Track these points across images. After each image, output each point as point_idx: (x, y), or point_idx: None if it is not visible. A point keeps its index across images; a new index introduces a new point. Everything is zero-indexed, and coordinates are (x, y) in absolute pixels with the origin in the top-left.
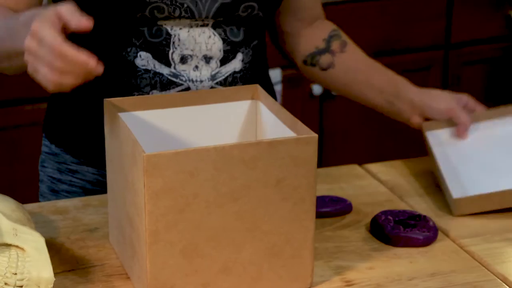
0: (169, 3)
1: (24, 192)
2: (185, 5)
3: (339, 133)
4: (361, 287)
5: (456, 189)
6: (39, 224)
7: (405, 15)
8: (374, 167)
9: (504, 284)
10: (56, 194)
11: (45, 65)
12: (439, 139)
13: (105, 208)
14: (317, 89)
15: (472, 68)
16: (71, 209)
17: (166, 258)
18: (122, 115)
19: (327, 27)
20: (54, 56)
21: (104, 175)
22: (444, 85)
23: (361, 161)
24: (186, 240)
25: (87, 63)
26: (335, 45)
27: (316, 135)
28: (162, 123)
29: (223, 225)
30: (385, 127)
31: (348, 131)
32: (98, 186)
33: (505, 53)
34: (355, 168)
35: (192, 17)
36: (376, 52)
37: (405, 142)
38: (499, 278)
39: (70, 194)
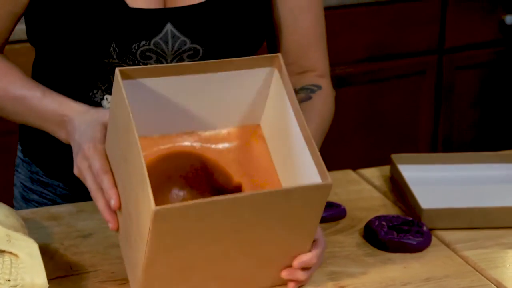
0: (131, 63)
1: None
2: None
3: (333, 138)
4: None
5: (425, 202)
6: (32, 230)
7: (399, 20)
8: (368, 172)
9: None
10: (27, 202)
11: (87, 181)
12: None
13: (98, 214)
14: None
15: (466, 72)
16: (65, 215)
17: (161, 276)
18: (129, 82)
19: (306, 80)
20: (95, 179)
21: (72, 191)
22: (438, 90)
23: (355, 166)
24: (183, 263)
25: (110, 200)
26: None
27: (330, 183)
28: (174, 90)
29: (223, 250)
30: (379, 133)
31: (342, 136)
32: (67, 201)
33: (499, 57)
34: (349, 173)
35: None
36: (370, 57)
37: (398, 148)
38: (493, 283)
39: (40, 205)
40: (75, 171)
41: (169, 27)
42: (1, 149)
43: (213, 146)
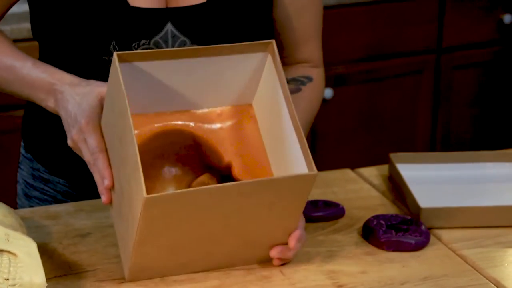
0: None
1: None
2: None
3: (331, 137)
4: None
5: (423, 201)
6: (31, 229)
7: (397, 19)
8: (366, 171)
9: None
10: (28, 199)
11: (84, 154)
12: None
13: (97, 213)
14: None
15: (464, 72)
16: (63, 214)
17: (151, 255)
18: (126, 65)
19: (297, 71)
20: (91, 156)
21: (73, 187)
22: (436, 89)
23: (353, 165)
24: (172, 243)
25: (103, 180)
26: None
27: (316, 173)
28: (169, 72)
29: (211, 232)
30: (377, 132)
31: (340, 135)
32: (68, 198)
33: (497, 57)
34: (347, 172)
35: None
36: (368, 56)
37: (396, 147)
38: (491, 282)
39: (42, 202)
40: (69, 143)
41: (169, 27)
42: (5, 147)
43: (206, 125)
